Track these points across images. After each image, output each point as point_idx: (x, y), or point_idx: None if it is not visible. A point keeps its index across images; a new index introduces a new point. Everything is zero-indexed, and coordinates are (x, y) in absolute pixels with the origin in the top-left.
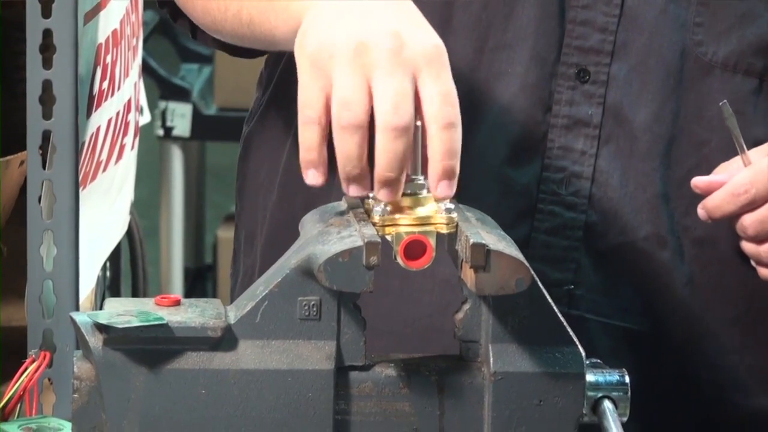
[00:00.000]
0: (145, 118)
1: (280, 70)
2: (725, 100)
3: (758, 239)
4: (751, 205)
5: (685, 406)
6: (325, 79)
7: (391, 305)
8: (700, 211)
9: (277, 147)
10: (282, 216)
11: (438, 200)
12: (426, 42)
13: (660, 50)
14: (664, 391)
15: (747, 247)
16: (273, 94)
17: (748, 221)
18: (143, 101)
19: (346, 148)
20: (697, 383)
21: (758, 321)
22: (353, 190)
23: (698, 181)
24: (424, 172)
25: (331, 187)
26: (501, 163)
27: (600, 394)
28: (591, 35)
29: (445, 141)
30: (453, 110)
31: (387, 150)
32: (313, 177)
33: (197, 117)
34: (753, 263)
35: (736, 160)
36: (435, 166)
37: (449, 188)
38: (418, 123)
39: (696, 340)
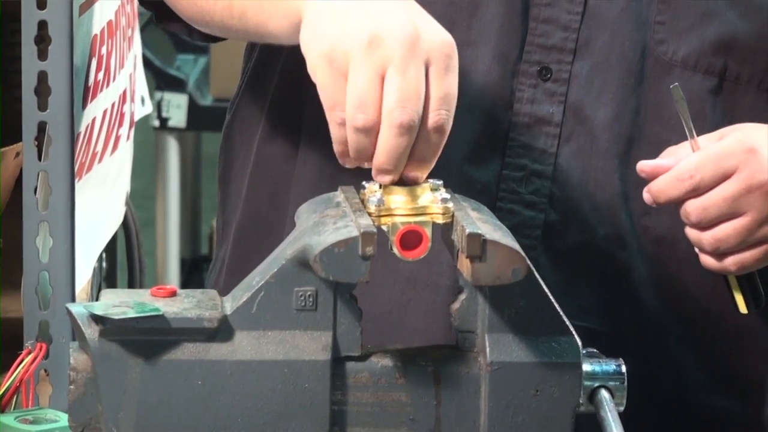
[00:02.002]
0: (147, 108)
1: (253, 61)
2: (677, 83)
3: (701, 226)
4: (696, 191)
5: (645, 406)
6: (344, 77)
7: None
8: (645, 195)
9: (250, 137)
10: (250, 207)
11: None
12: (440, 36)
13: (621, 49)
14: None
15: (690, 233)
16: (247, 85)
17: (691, 207)
18: (144, 92)
19: (360, 146)
20: (657, 383)
21: (717, 320)
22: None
23: (644, 165)
24: None
25: (295, 180)
26: (461, 161)
27: (596, 384)
28: (554, 33)
29: (431, 144)
30: (447, 114)
31: (388, 145)
32: (347, 162)
33: (193, 107)
34: (696, 250)
35: (685, 145)
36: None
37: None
38: None
39: (655, 339)
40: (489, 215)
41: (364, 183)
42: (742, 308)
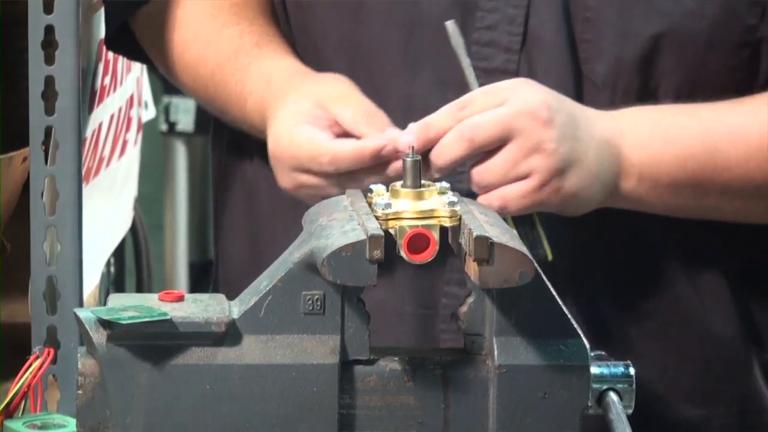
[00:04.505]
0: (150, 113)
1: None
2: (453, 20)
3: (482, 187)
4: (473, 132)
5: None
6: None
7: None
8: (433, 164)
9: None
10: (225, 208)
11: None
12: None
13: (557, 69)
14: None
15: (480, 199)
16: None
17: (474, 170)
18: (148, 96)
19: None
20: None
21: (680, 335)
22: None
23: (412, 126)
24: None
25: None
26: None
27: (605, 387)
28: (496, 56)
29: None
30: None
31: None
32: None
33: (201, 112)
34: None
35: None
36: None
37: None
38: None
39: (618, 354)
40: (496, 218)
41: (371, 186)
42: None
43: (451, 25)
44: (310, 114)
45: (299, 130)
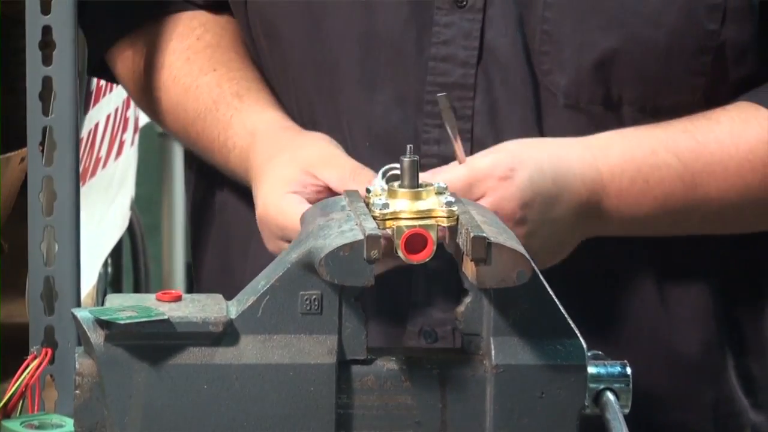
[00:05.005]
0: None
1: None
2: (445, 93)
3: None
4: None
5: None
6: None
7: None
8: None
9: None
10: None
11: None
12: None
13: (515, 82)
14: None
15: None
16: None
17: None
18: None
19: None
20: None
21: (670, 340)
22: None
23: None
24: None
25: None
26: None
27: (602, 386)
28: (453, 71)
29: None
30: None
31: None
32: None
33: None
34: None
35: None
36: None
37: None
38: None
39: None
40: (493, 218)
41: (368, 187)
42: None
43: (442, 99)
44: (298, 182)
45: (288, 202)
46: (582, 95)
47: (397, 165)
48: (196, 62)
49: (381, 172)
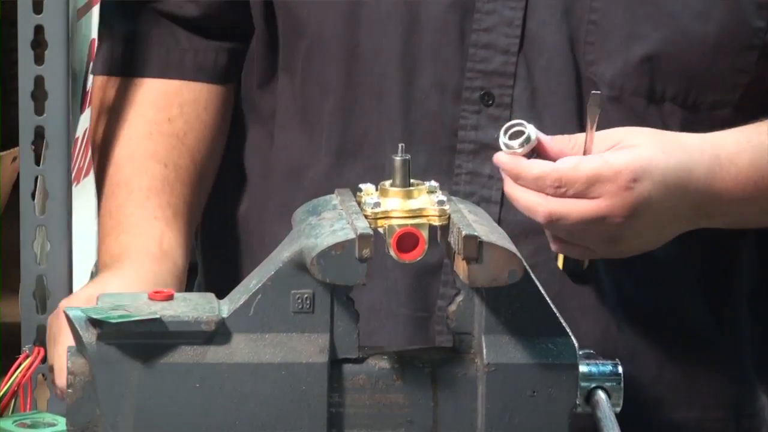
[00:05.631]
0: None
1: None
2: (599, 92)
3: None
4: (555, 194)
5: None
6: None
7: None
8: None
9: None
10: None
11: None
12: None
13: (558, 71)
14: None
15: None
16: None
17: (544, 209)
18: None
19: None
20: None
21: (676, 336)
22: None
23: (501, 158)
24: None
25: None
26: None
27: (593, 385)
28: (493, 58)
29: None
30: None
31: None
32: None
33: None
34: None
35: (582, 137)
36: None
37: None
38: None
39: (613, 358)
40: (485, 217)
41: (360, 186)
42: (559, 264)
43: (595, 98)
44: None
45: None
46: (626, 87)
47: (519, 121)
48: (151, 145)
49: (503, 129)
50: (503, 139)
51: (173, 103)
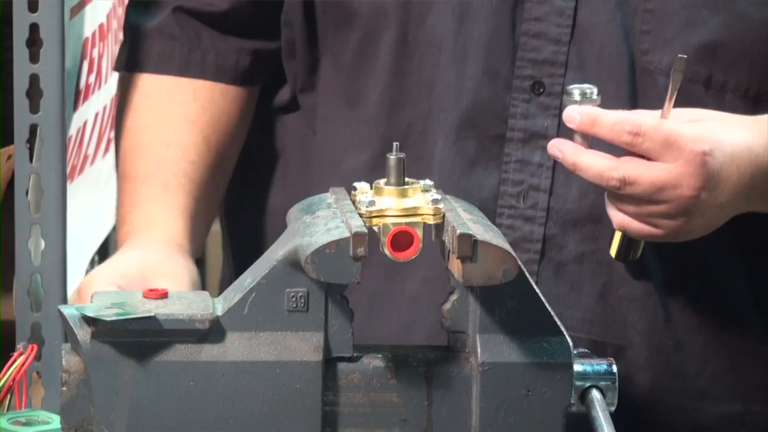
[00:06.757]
0: None
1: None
2: (685, 55)
3: (616, 190)
4: (628, 146)
5: (651, 416)
6: None
7: (361, 323)
8: (571, 159)
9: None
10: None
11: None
12: None
13: (610, 60)
14: (631, 403)
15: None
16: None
17: (618, 172)
18: None
19: None
20: (663, 392)
21: (721, 328)
22: None
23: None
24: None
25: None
26: (458, 178)
27: (588, 384)
28: (544, 47)
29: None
30: None
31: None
32: None
33: None
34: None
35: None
36: None
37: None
38: None
39: (660, 348)
40: (480, 216)
41: (355, 184)
42: (612, 252)
43: (681, 62)
44: (128, 280)
45: (99, 284)
46: (685, 74)
47: (584, 85)
48: (160, 128)
49: (567, 91)
50: (571, 98)
51: (189, 95)
